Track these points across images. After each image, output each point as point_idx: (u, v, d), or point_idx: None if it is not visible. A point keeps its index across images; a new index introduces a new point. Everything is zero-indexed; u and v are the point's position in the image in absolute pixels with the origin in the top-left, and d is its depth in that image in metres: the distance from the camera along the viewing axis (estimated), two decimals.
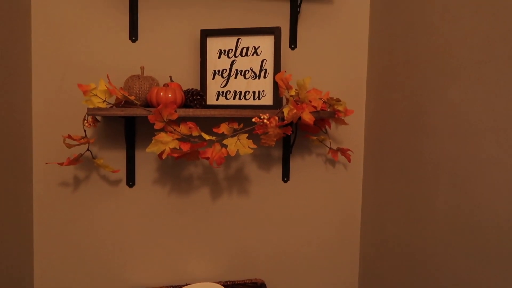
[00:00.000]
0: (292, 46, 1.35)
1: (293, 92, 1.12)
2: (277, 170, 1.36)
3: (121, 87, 1.13)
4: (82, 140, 1.09)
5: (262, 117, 1.10)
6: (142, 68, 1.19)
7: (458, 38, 0.94)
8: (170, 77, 1.21)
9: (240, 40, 1.23)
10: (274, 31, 1.20)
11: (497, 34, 0.83)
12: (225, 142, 1.11)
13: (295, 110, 1.09)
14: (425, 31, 1.07)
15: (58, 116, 1.22)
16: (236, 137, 1.11)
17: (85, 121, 1.10)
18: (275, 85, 1.20)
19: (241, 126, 1.15)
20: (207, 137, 1.09)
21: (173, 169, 1.30)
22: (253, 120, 1.11)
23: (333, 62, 1.38)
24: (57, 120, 1.22)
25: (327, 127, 1.34)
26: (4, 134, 1.05)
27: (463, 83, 0.92)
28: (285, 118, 1.11)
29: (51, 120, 1.21)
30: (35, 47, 1.19)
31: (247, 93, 1.23)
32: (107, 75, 1.08)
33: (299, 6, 1.30)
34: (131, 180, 1.27)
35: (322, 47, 1.37)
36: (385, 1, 1.29)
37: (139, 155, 1.28)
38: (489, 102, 0.84)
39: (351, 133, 1.41)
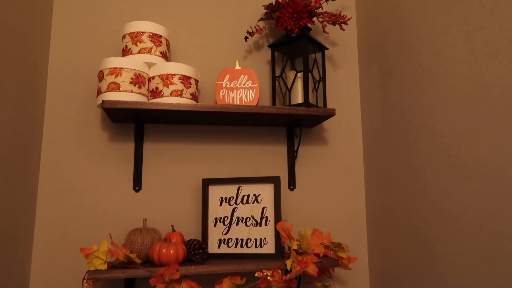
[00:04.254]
0: (291, 187, 1.39)
1: (295, 246, 1.12)
2: None
3: (123, 245, 1.13)
4: None
5: (265, 273, 1.08)
6: (145, 220, 1.20)
7: (451, 186, 0.98)
8: (172, 226, 1.23)
9: (240, 188, 1.27)
10: (273, 181, 1.24)
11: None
12: None
13: (298, 267, 1.08)
14: (420, 177, 1.12)
15: (57, 274, 1.19)
16: None
17: (85, 281, 1.08)
18: (277, 233, 1.20)
19: (244, 280, 1.12)
20: None
21: None
22: (256, 274, 1.09)
23: (332, 199, 1.42)
24: (55, 276, 1.19)
25: (331, 271, 1.32)
26: None
27: (468, 230, 0.93)
28: (288, 270, 1.10)
29: (48, 276, 1.19)
30: (40, 200, 1.22)
31: (249, 240, 1.23)
32: (110, 234, 1.08)
33: (296, 151, 1.37)
34: None
35: (320, 185, 1.42)
36: (376, 142, 1.36)
37: None
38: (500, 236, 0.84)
39: (355, 274, 1.38)
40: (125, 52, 1.20)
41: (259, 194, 1.26)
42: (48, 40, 1.29)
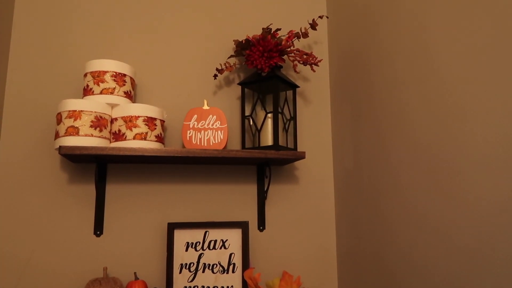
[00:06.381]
0: (261, 227, 1.36)
1: None
2: None
3: None
4: None
5: None
6: (105, 269, 1.14)
7: (418, 239, 0.97)
8: (135, 273, 1.17)
9: (207, 232, 1.22)
10: (241, 225, 1.20)
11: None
12: None
13: None
14: (388, 225, 1.10)
15: None
16: None
17: None
18: (244, 280, 1.16)
19: None
20: None
21: None
22: None
23: (302, 240, 1.39)
24: None
25: None
26: None
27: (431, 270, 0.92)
28: None
29: None
30: None
31: None
32: None
33: (266, 191, 1.34)
34: None
35: (290, 226, 1.39)
36: (347, 182, 1.34)
37: None
38: None
39: None
40: (86, 92, 1.14)
41: (227, 240, 1.22)
42: (5, 76, 1.21)
